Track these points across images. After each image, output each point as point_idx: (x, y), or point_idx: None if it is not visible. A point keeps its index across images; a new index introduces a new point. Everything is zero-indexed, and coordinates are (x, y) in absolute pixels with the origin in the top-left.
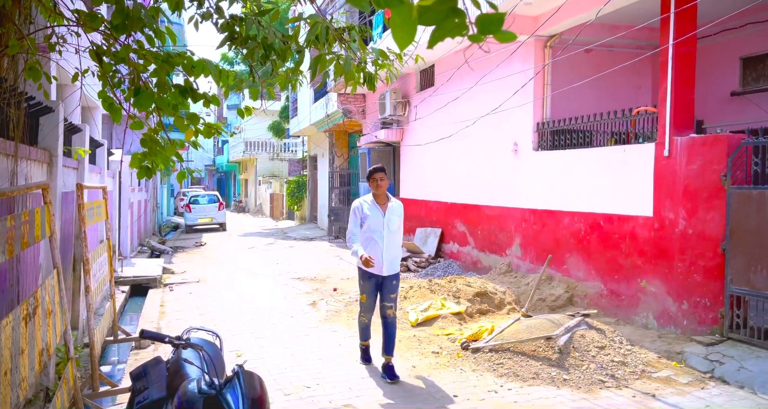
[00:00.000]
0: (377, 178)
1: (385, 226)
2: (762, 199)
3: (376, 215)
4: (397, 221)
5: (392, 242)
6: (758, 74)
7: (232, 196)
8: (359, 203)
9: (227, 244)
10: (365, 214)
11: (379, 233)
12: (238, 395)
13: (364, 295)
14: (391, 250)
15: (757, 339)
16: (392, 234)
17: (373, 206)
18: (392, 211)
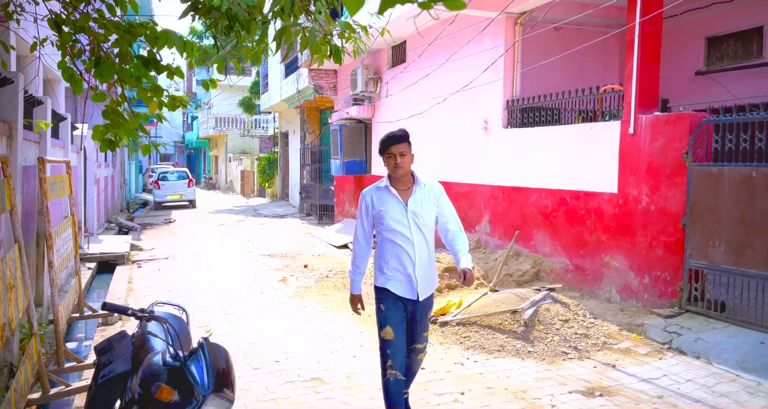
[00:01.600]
0: (395, 153)
1: (410, 222)
2: (720, 177)
3: (394, 207)
4: (429, 213)
5: (425, 244)
6: (722, 54)
7: (202, 173)
8: (368, 195)
9: (197, 221)
10: (378, 210)
11: (403, 235)
12: (202, 366)
13: (389, 327)
14: (425, 257)
15: (714, 311)
16: (423, 234)
17: (388, 195)
18: (421, 198)
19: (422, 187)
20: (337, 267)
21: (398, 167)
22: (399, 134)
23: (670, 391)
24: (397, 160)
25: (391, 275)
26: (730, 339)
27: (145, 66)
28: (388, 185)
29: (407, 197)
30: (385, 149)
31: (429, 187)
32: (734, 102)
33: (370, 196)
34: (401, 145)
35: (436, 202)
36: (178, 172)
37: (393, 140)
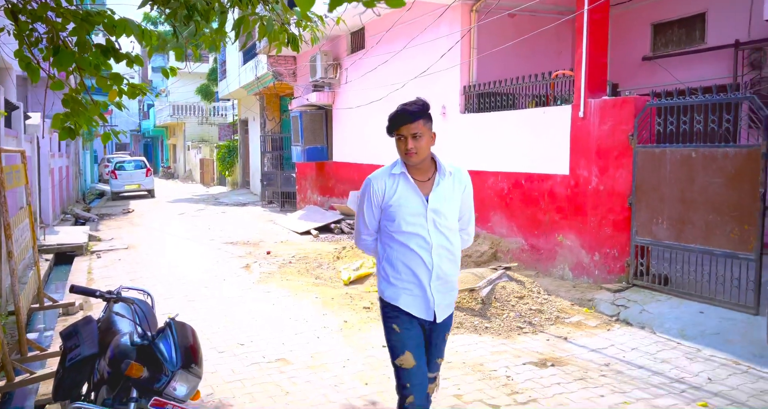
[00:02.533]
0: (405, 134)
1: (429, 221)
2: (663, 157)
3: (410, 201)
4: (453, 211)
5: (447, 251)
6: (667, 40)
7: (159, 162)
8: (377, 183)
9: (156, 210)
10: (389, 204)
11: (420, 239)
12: (171, 344)
13: (408, 353)
14: (446, 268)
15: (658, 285)
16: (445, 236)
17: (405, 185)
18: (445, 192)
19: (447, 177)
20: (300, 253)
21: (410, 154)
22: (412, 110)
23: (616, 359)
24: (409, 144)
25: (402, 287)
26: (672, 310)
27: (104, 54)
28: (405, 172)
29: (427, 190)
30: (394, 129)
31: (456, 176)
32: (679, 86)
33: (379, 185)
34: (415, 125)
35: (461, 196)
36: (135, 162)
37: (403, 118)
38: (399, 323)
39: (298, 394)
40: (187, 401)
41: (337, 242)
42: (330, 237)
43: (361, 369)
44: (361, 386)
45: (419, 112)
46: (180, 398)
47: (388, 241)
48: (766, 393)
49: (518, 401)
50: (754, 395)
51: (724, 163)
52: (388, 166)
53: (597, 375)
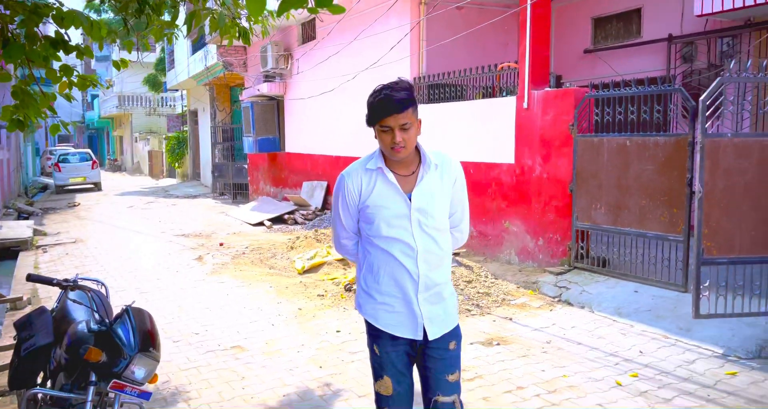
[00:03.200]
0: (392, 126)
1: (414, 223)
2: (600, 145)
3: (390, 201)
4: (442, 209)
5: (435, 256)
6: (606, 34)
7: (106, 154)
8: (351, 180)
9: (104, 204)
10: (366, 205)
11: (403, 244)
12: (128, 328)
13: (386, 378)
14: (435, 276)
15: (597, 267)
16: (433, 239)
17: (382, 182)
18: (432, 187)
19: (434, 170)
20: (253, 244)
21: (397, 149)
22: (399, 97)
23: (557, 337)
24: (397, 137)
25: (382, 303)
26: (609, 290)
27: (53, 46)
28: (382, 167)
29: (410, 186)
30: (377, 120)
31: (444, 168)
32: (617, 78)
33: (353, 182)
34: (404, 115)
35: (451, 189)
36: (80, 154)
37: (390, 107)
38: (379, 344)
39: (254, 379)
40: (145, 383)
41: (291, 233)
42: (284, 228)
43: (315, 354)
44: (316, 369)
45: (408, 99)
46: (138, 381)
47: (367, 246)
48: (690, 363)
49: (465, 378)
50: (681, 365)
51: (656, 151)
52: (363, 159)
53: (539, 352)
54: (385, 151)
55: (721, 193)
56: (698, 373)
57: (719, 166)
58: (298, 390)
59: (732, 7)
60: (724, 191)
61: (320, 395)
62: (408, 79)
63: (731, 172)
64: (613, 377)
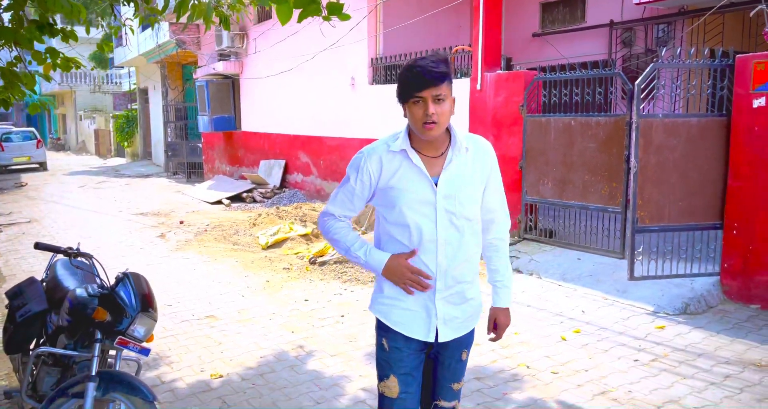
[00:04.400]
0: (426, 97)
1: (440, 211)
2: (547, 125)
3: (414, 185)
4: (473, 197)
5: (460, 249)
6: (553, 18)
7: (47, 133)
8: (372, 159)
9: (53, 183)
10: (387, 187)
11: (425, 232)
12: (129, 290)
13: (393, 377)
14: (459, 272)
15: (544, 238)
16: (458, 229)
17: (407, 164)
18: (462, 172)
19: (464, 153)
20: (214, 222)
21: (429, 126)
22: (437, 69)
23: None
24: (430, 108)
25: (395, 298)
26: (555, 258)
27: (39, 30)
28: (408, 149)
29: (438, 169)
30: (411, 93)
31: (476, 150)
32: (564, 61)
33: (372, 163)
34: (439, 87)
35: (486, 176)
36: (23, 133)
37: (426, 80)
38: (390, 339)
39: (230, 343)
40: (144, 341)
41: (251, 210)
42: (243, 206)
43: (286, 321)
44: (288, 334)
45: (446, 72)
46: (139, 338)
47: (384, 233)
48: (625, 319)
49: None
50: (617, 321)
51: (597, 131)
52: (387, 137)
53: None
54: (416, 128)
55: (653, 168)
56: (632, 327)
57: (652, 144)
58: (274, 352)
59: None
60: (655, 166)
61: (295, 356)
62: (443, 53)
63: (662, 149)
64: (559, 334)
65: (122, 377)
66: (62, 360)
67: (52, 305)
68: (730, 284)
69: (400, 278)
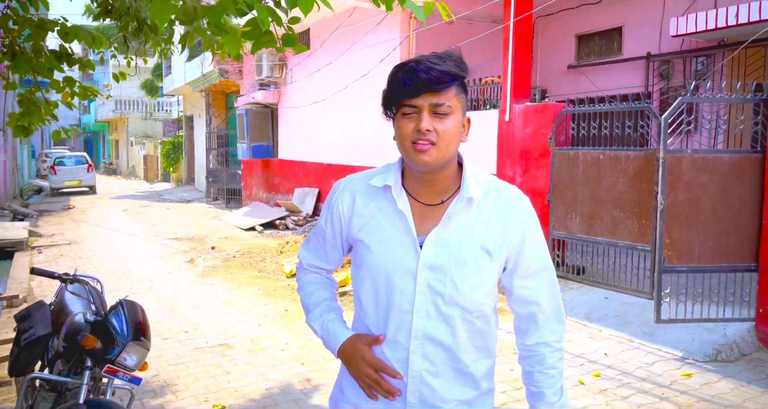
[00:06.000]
0: (420, 106)
1: (421, 288)
2: (576, 158)
3: (392, 240)
4: (480, 271)
5: (446, 354)
6: (590, 50)
7: (101, 158)
8: (346, 193)
9: (99, 207)
10: (354, 236)
11: (393, 317)
12: (122, 318)
13: None
14: (441, 388)
15: (572, 274)
16: (447, 323)
17: (387, 207)
18: (461, 231)
19: (475, 206)
20: (244, 248)
21: (422, 146)
22: (439, 68)
23: None
24: (422, 122)
25: (355, 405)
26: (582, 296)
27: (58, 59)
28: (395, 186)
29: (431, 225)
30: (400, 100)
31: (499, 206)
32: (598, 93)
33: (344, 199)
34: (442, 94)
35: (511, 247)
36: (75, 157)
37: (424, 78)
38: None
39: (239, 374)
40: (136, 370)
41: (281, 238)
42: (274, 233)
43: (298, 352)
44: (298, 366)
45: (454, 73)
46: (130, 367)
47: (356, 304)
48: (650, 364)
49: None
50: (641, 366)
51: (627, 165)
52: (374, 169)
53: (510, 353)
54: (403, 151)
55: (682, 205)
56: (656, 374)
57: (680, 180)
58: (281, 385)
59: (705, 29)
60: (684, 204)
61: (300, 389)
62: (459, 51)
63: (691, 185)
64: (577, 377)
65: (110, 406)
66: (57, 386)
67: (55, 330)
68: (766, 330)
69: (356, 371)
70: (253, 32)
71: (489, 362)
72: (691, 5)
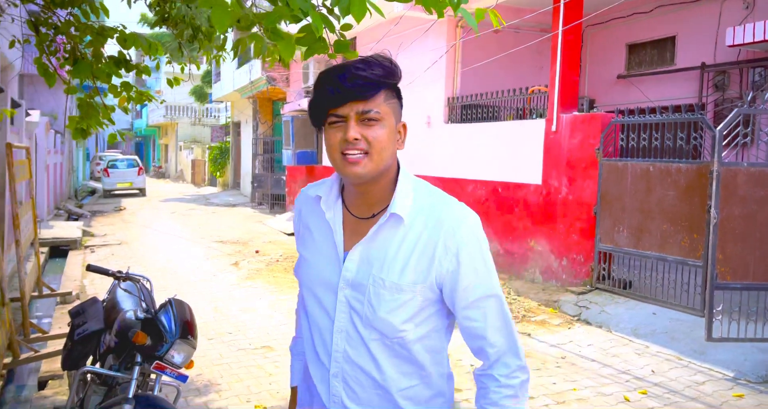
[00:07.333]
0: (345, 115)
1: (341, 306)
2: (625, 170)
3: (321, 253)
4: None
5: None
6: (640, 60)
7: (151, 161)
8: (298, 204)
9: (148, 209)
10: (299, 248)
11: (316, 338)
12: (170, 317)
13: None
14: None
15: (618, 288)
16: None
17: (319, 219)
18: (385, 248)
19: (402, 223)
20: (287, 253)
21: (352, 158)
22: (363, 74)
23: (572, 353)
24: (350, 131)
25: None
26: (628, 311)
27: (117, 65)
28: (327, 197)
29: (360, 238)
30: (326, 109)
31: (432, 224)
32: (649, 104)
33: (298, 209)
34: (369, 101)
35: (442, 273)
36: (127, 160)
37: (348, 86)
38: None
39: (280, 375)
40: (182, 367)
41: None
42: None
43: None
44: None
45: (382, 78)
46: (177, 364)
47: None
48: (700, 384)
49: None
50: (690, 385)
51: (678, 178)
52: (322, 180)
53: (553, 366)
54: (334, 163)
55: (736, 220)
56: (706, 393)
57: (735, 194)
58: None
59: (763, 39)
60: (739, 219)
61: None
62: (389, 55)
63: (747, 200)
64: (622, 393)
65: (158, 402)
66: (108, 380)
67: (107, 325)
68: None
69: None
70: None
71: (426, 391)
72: (748, 15)
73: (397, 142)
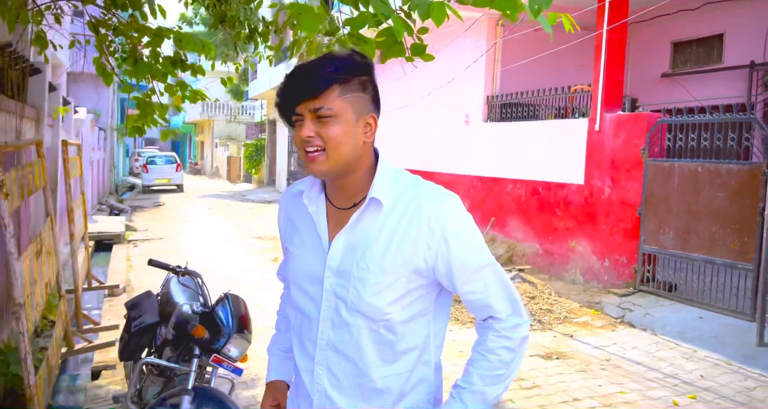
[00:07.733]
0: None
1: (327, 295)
2: (671, 171)
3: (306, 246)
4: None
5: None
6: (686, 58)
7: (187, 158)
8: (281, 200)
9: (186, 204)
10: (284, 244)
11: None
12: (227, 311)
13: None
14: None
15: (663, 291)
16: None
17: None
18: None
19: (382, 210)
20: None
21: (311, 156)
22: (316, 73)
23: (617, 355)
24: (305, 130)
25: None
26: (674, 314)
27: (173, 65)
28: (309, 191)
29: (340, 229)
30: (287, 109)
31: (411, 210)
32: (695, 104)
33: (282, 208)
34: (320, 98)
35: (430, 250)
36: (166, 157)
37: (298, 86)
38: None
39: None
40: (238, 361)
41: None
42: None
43: None
44: None
45: (334, 74)
46: (233, 358)
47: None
48: (751, 390)
49: (523, 387)
50: (740, 391)
51: (728, 179)
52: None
53: (597, 368)
54: (303, 160)
55: None
56: (758, 399)
57: None
58: None
59: None
60: None
61: None
62: (354, 50)
63: None
64: (671, 398)
65: (215, 394)
66: (165, 371)
67: (162, 319)
68: None
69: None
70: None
71: (409, 380)
72: None
73: (365, 135)
